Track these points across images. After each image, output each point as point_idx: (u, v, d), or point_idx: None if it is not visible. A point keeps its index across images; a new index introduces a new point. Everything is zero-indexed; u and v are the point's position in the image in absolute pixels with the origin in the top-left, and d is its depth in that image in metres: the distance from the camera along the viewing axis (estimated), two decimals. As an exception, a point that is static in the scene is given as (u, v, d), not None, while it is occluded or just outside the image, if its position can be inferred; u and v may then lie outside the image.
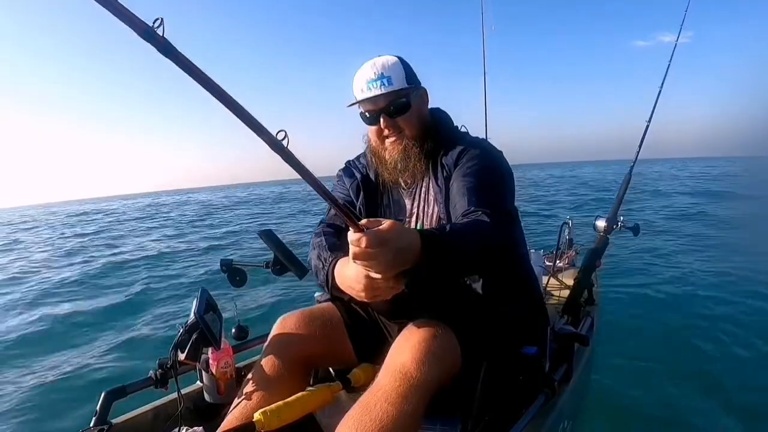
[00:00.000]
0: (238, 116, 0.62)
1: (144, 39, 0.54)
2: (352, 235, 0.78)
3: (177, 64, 0.57)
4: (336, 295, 1.13)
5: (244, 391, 1.14)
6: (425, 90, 1.27)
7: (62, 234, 14.90)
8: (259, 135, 0.63)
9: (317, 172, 0.71)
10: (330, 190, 0.76)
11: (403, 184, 1.29)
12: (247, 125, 0.63)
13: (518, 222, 1.24)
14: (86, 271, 7.25)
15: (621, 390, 2.52)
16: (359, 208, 1.31)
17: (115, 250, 9.44)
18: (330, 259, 1.12)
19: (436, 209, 1.20)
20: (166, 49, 0.56)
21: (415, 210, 1.26)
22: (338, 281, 1.06)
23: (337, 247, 1.16)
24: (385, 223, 0.79)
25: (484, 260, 1.00)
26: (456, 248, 0.91)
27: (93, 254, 9.17)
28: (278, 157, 0.65)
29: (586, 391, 1.90)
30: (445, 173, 1.19)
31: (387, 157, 1.24)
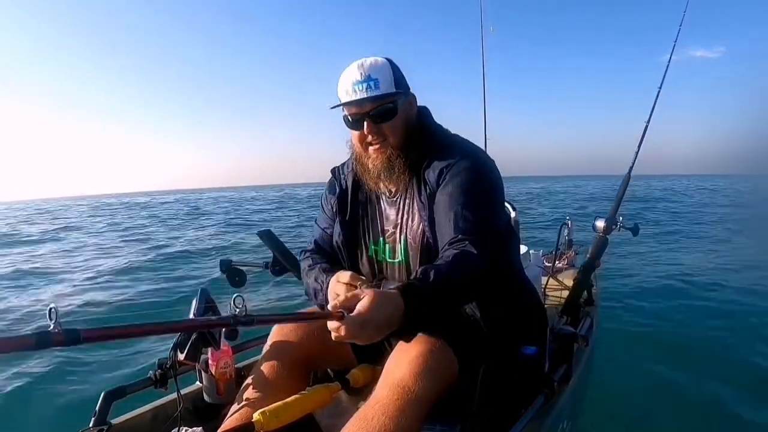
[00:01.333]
0: (193, 331, 0.58)
1: (41, 348, 0.49)
2: (331, 325, 0.84)
3: (91, 342, 0.51)
4: None
5: (243, 392, 1.14)
6: (414, 96, 1.21)
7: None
8: (221, 327, 0.60)
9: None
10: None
11: (387, 193, 1.24)
12: (205, 330, 0.59)
13: (512, 234, 1.23)
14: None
15: (620, 390, 2.52)
16: (342, 222, 1.28)
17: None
18: (327, 281, 1.16)
19: (420, 223, 1.15)
20: (72, 339, 0.50)
21: (399, 221, 1.21)
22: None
23: (330, 270, 1.21)
24: (365, 300, 0.83)
25: (471, 294, 1.04)
26: (441, 296, 0.93)
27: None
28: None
29: (586, 392, 1.90)
30: (428, 190, 1.14)
31: (370, 165, 1.18)
